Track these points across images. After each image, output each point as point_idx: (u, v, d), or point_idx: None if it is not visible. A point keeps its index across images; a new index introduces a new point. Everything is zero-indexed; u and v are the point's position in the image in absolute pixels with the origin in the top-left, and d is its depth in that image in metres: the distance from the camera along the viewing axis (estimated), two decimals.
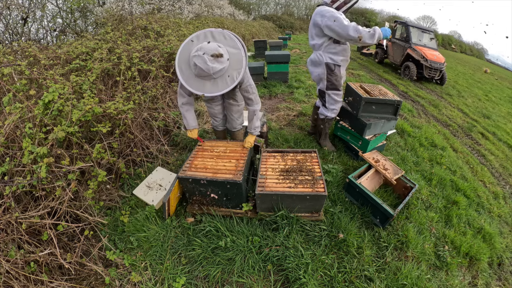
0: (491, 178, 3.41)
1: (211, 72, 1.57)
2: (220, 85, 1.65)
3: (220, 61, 1.57)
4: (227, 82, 1.65)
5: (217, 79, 1.64)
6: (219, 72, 1.59)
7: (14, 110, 1.74)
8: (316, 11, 2.35)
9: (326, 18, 2.23)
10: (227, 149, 2.12)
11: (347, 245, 1.79)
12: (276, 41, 8.25)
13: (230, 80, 1.65)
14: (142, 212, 2.02)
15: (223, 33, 1.66)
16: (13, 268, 1.38)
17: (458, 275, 1.87)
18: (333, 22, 2.19)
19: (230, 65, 1.64)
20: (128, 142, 2.50)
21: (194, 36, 1.67)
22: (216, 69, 1.56)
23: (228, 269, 1.66)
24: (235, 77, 1.65)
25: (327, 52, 2.45)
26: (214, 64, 1.55)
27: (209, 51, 1.54)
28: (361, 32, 2.14)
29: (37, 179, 1.59)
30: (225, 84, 1.65)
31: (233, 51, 1.65)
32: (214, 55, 1.54)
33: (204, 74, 1.60)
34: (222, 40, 1.66)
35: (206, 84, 1.64)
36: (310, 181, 1.84)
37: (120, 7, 6.59)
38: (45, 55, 2.71)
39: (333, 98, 2.62)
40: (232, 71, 1.64)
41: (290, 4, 25.17)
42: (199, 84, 1.65)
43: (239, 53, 1.65)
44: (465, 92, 7.62)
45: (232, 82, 1.64)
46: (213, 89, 1.65)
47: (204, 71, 1.57)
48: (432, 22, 37.57)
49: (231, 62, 1.64)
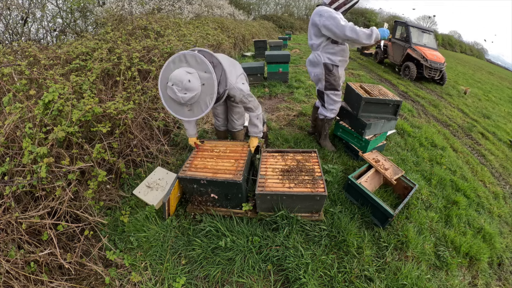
0: (491, 178, 3.41)
1: (182, 102, 1.60)
2: (196, 111, 1.69)
3: (190, 89, 1.57)
4: (201, 108, 1.67)
5: (192, 105, 1.67)
6: (191, 99, 1.61)
7: (14, 110, 1.74)
8: (315, 11, 2.36)
9: (324, 18, 2.23)
10: (227, 149, 2.12)
11: (347, 245, 1.79)
12: (276, 41, 8.25)
13: (204, 105, 1.67)
14: (142, 212, 2.02)
15: (195, 57, 1.63)
16: (13, 268, 1.38)
17: (458, 275, 1.87)
18: (330, 22, 2.19)
19: (202, 91, 1.64)
20: (128, 142, 2.50)
21: (171, 61, 1.68)
22: (186, 98, 1.59)
23: (228, 269, 1.66)
24: (208, 103, 1.66)
25: (325, 52, 2.45)
26: (183, 94, 1.57)
27: (178, 82, 1.55)
28: (357, 33, 2.13)
29: (37, 179, 1.59)
30: (200, 110, 1.68)
31: (205, 76, 1.64)
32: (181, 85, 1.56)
33: (178, 103, 1.65)
34: (194, 64, 1.64)
35: (184, 109, 1.69)
36: (310, 181, 1.84)
37: (120, 7, 6.59)
38: (45, 55, 2.71)
39: (331, 98, 2.62)
40: (205, 97, 1.65)
41: (290, 4, 25.17)
42: (179, 108, 1.70)
43: (210, 78, 1.63)
44: None
45: (206, 107, 1.66)
46: (190, 114, 1.70)
47: (176, 101, 1.62)
48: (432, 22, 37.58)
49: (203, 88, 1.63)
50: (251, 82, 5.24)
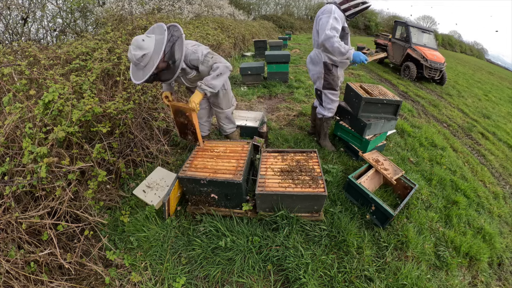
0: (491, 178, 3.41)
1: (134, 60, 1.65)
2: (146, 71, 1.70)
3: (142, 48, 1.64)
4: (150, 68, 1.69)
5: (145, 67, 1.70)
6: (142, 58, 1.65)
7: (14, 110, 1.74)
8: (321, 9, 2.39)
9: (323, 15, 2.29)
10: (227, 149, 2.12)
11: (347, 245, 1.79)
12: (276, 41, 8.25)
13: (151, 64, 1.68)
14: (142, 212, 2.02)
15: (159, 25, 1.75)
16: (13, 268, 1.38)
17: (458, 275, 1.87)
18: (323, 21, 2.26)
19: (154, 51, 1.68)
20: (128, 142, 2.50)
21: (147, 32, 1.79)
22: (137, 56, 1.63)
23: (228, 269, 1.66)
24: (155, 61, 1.68)
25: (325, 52, 2.45)
26: (136, 51, 1.63)
27: (134, 41, 1.64)
28: (333, 46, 2.23)
29: (37, 179, 1.59)
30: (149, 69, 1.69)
31: (159, 37, 1.70)
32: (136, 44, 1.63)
33: (134, 63, 1.69)
34: (156, 31, 1.75)
35: (139, 73, 1.73)
36: (310, 181, 1.84)
37: (120, 7, 6.59)
38: (45, 55, 2.71)
39: (329, 98, 2.63)
40: (155, 56, 1.68)
41: (290, 4, 25.16)
42: (137, 74, 1.74)
43: (162, 38, 1.69)
44: (465, 92, 7.63)
45: (152, 65, 1.68)
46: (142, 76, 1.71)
47: (131, 59, 1.67)
48: (432, 22, 37.58)
49: (155, 48, 1.68)
50: (251, 82, 5.24)
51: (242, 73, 5.12)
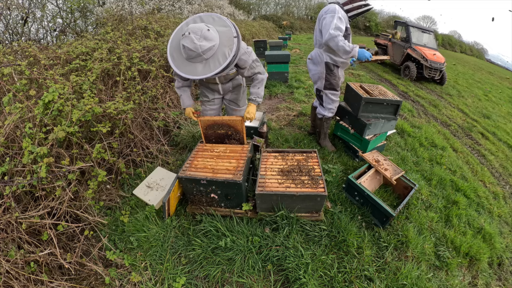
0: (491, 178, 3.41)
1: (199, 51, 1.48)
2: (212, 66, 1.54)
3: (209, 39, 1.48)
4: (219, 61, 1.54)
5: (208, 60, 1.54)
6: (208, 50, 1.50)
7: (14, 110, 1.74)
8: (324, 8, 2.38)
9: (326, 15, 2.28)
10: (227, 149, 2.12)
11: (347, 245, 1.79)
12: (276, 41, 8.25)
13: (222, 58, 1.53)
14: (142, 212, 2.02)
15: (212, 15, 1.58)
16: (13, 268, 1.38)
17: (458, 275, 1.87)
18: (326, 21, 2.25)
19: (220, 43, 1.54)
20: (128, 142, 2.50)
21: (184, 23, 1.61)
22: (204, 47, 1.47)
23: (228, 269, 1.66)
24: (227, 54, 1.53)
25: (328, 52, 2.45)
26: (202, 42, 1.46)
27: (197, 30, 1.47)
28: (338, 45, 2.21)
29: (37, 179, 1.59)
30: (217, 63, 1.53)
31: (223, 29, 1.56)
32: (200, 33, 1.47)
33: (194, 55, 1.51)
34: (211, 21, 1.59)
35: (197, 67, 1.55)
36: (310, 181, 1.84)
37: (120, 7, 6.59)
38: (45, 55, 2.71)
39: (330, 98, 2.63)
40: (224, 48, 1.54)
41: (290, 4, 25.16)
42: (191, 68, 1.56)
43: (229, 31, 1.56)
44: (465, 92, 7.63)
45: (224, 59, 1.53)
46: (205, 70, 1.54)
47: (193, 51, 1.48)
48: (432, 22, 37.57)
49: (221, 40, 1.55)
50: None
51: None
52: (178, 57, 1.59)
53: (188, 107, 2.06)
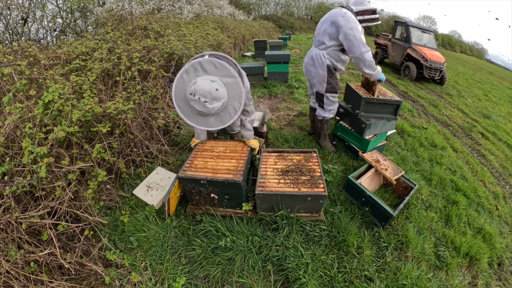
0: (491, 178, 3.41)
1: (212, 112, 1.56)
2: (224, 118, 1.61)
3: (218, 98, 1.51)
4: (230, 114, 1.61)
5: (219, 113, 1.61)
6: (220, 108, 1.57)
7: (14, 110, 1.74)
8: (339, 12, 2.32)
9: (349, 26, 2.23)
10: (227, 149, 2.12)
11: (347, 245, 1.79)
12: (276, 41, 8.25)
13: (232, 111, 1.61)
14: (142, 212, 2.02)
15: (213, 63, 1.52)
16: (13, 268, 1.38)
17: (458, 275, 1.87)
18: (356, 34, 2.23)
19: (229, 97, 1.58)
20: (128, 142, 2.50)
21: (184, 72, 1.55)
22: (216, 108, 1.54)
23: (228, 269, 1.66)
24: (237, 107, 1.60)
25: (330, 56, 2.47)
26: (213, 104, 1.51)
27: (206, 93, 1.47)
28: (369, 60, 2.30)
29: (37, 179, 1.59)
30: (228, 116, 1.61)
31: (229, 80, 1.55)
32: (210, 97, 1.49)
33: (204, 113, 1.58)
34: (214, 71, 1.53)
35: (209, 120, 1.62)
36: (310, 181, 1.84)
37: (120, 7, 6.59)
38: (45, 55, 2.71)
39: (330, 100, 2.65)
40: (233, 101, 1.59)
41: (290, 4, 25.15)
42: (203, 120, 1.63)
43: (235, 82, 1.55)
44: (465, 92, 7.63)
45: (235, 113, 1.60)
46: (218, 123, 1.62)
47: (205, 112, 1.56)
48: (432, 22, 37.56)
49: (229, 94, 1.57)
50: (251, 82, 5.24)
51: None
52: (187, 109, 1.62)
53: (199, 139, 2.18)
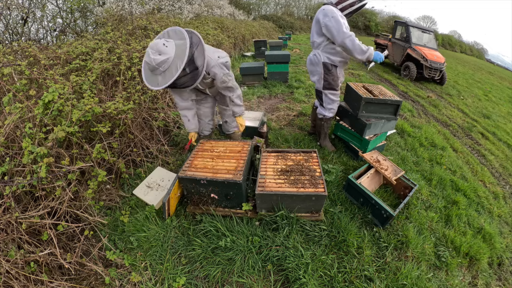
0: (491, 178, 3.40)
1: (153, 64, 1.63)
2: (168, 76, 1.69)
3: (163, 53, 1.63)
4: (172, 72, 1.68)
5: (165, 72, 1.69)
6: (163, 63, 1.65)
7: (14, 110, 1.74)
8: (320, 9, 2.35)
9: (327, 18, 2.25)
10: (227, 149, 2.12)
11: (347, 245, 1.79)
12: (276, 41, 8.25)
13: (174, 69, 1.67)
14: (142, 212, 2.02)
15: (175, 29, 1.75)
16: (13, 268, 1.38)
17: (458, 275, 1.87)
18: (333, 24, 2.22)
19: (175, 55, 1.68)
20: (128, 142, 2.50)
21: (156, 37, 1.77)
22: (158, 61, 1.62)
23: (228, 269, 1.66)
24: (178, 66, 1.67)
25: (325, 52, 2.45)
26: (156, 56, 1.62)
27: (154, 45, 1.63)
28: (354, 44, 2.21)
29: (37, 179, 1.59)
30: (171, 75, 1.68)
31: (179, 42, 1.70)
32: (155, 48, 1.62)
33: (152, 68, 1.67)
34: (173, 35, 1.75)
35: (158, 78, 1.71)
36: (310, 181, 1.84)
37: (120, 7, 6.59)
38: (45, 55, 2.71)
39: (330, 98, 2.63)
40: (177, 60, 1.68)
41: (290, 4, 25.16)
42: (154, 79, 1.72)
43: (183, 43, 1.69)
44: (465, 92, 7.62)
45: (176, 71, 1.67)
46: (163, 81, 1.69)
47: (149, 64, 1.65)
48: (432, 22, 37.57)
49: (176, 53, 1.68)
50: (251, 82, 5.24)
51: (242, 73, 5.12)
52: (147, 70, 1.76)
53: (192, 131, 2.19)
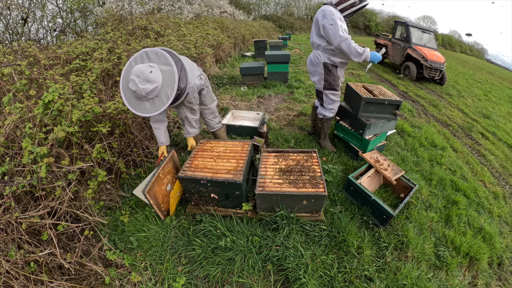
0: (491, 178, 3.40)
1: (143, 93, 1.60)
2: (158, 104, 1.67)
3: (151, 81, 1.59)
4: (163, 100, 1.67)
5: (154, 99, 1.66)
6: (152, 92, 1.62)
7: (14, 110, 1.74)
8: (320, 9, 2.35)
9: (325, 19, 2.25)
10: (227, 149, 2.12)
11: (347, 245, 1.79)
12: (276, 41, 8.25)
13: (165, 98, 1.66)
14: (142, 212, 2.02)
15: (156, 52, 1.68)
16: (13, 268, 1.38)
17: (458, 275, 1.87)
18: (330, 26, 2.22)
19: (164, 83, 1.65)
20: (128, 142, 2.50)
21: (132, 59, 1.71)
22: (147, 90, 1.59)
23: (228, 269, 1.66)
24: (169, 94, 1.66)
25: (325, 53, 2.45)
26: (144, 85, 1.58)
27: (139, 73, 1.57)
28: (350, 48, 2.21)
29: (37, 179, 1.59)
30: (161, 103, 1.67)
31: (165, 68, 1.67)
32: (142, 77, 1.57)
33: (139, 96, 1.63)
34: (155, 59, 1.68)
35: (145, 105, 1.68)
36: (310, 181, 1.84)
37: (120, 7, 6.58)
38: (45, 55, 2.70)
39: (330, 98, 2.63)
40: (167, 88, 1.66)
41: (290, 4, 25.16)
42: (141, 105, 1.68)
43: (170, 70, 1.66)
44: (465, 92, 7.62)
45: (167, 100, 1.66)
46: (152, 109, 1.67)
47: (138, 93, 1.61)
48: (432, 22, 37.57)
49: (164, 79, 1.65)
50: (251, 82, 5.24)
51: (242, 73, 5.12)
52: (130, 96, 1.70)
53: (162, 145, 2.09)
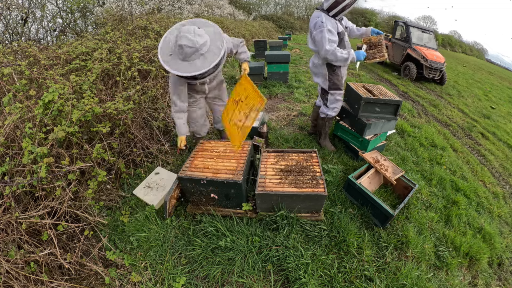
0: (491, 178, 3.40)
1: (197, 46, 1.61)
2: (210, 58, 1.66)
3: (201, 35, 1.64)
4: (215, 52, 1.68)
5: (205, 54, 1.67)
6: (204, 45, 1.64)
7: (14, 110, 1.74)
8: (313, 16, 2.39)
9: (316, 31, 2.32)
10: (227, 149, 2.12)
11: (347, 245, 1.79)
12: (276, 41, 8.24)
13: (216, 50, 1.68)
14: (142, 212, 2.02)
15: (194, 21, 1.78)
16: (13, 268, 1.38)
17: (458, 275, 1.87)
18: (319, 38, 2.29)
19: (211, 38, 1.70)
20: (128, 142, 2.50)
21: (168, 32, 1.77)
22: (200, 42, 1.62)
23: (228, 269, 1.66)
24: (220, 45, 1.69)
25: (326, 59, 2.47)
26: (197, 38, 1.61)
27: (189, 30, 1.63)
28: (336, 57, 2.29)
29: (37, 179, 1.59)
30: (214, 55, 1.67)
31: (209, 28, 1.75)
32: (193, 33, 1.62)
33: (191, 52, 1.62)
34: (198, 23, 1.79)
35: (196, 63, 1.66)
36: (310, 181, 1.84)
37: (120, 7, 6.59)
38: (45, 55, 2.70)
39: (335, 98, 2.64)
40: (216, 42, 1.71)
41: (290, 4, 25.16)
42: (190, 66, 1.66)
43: (215, 27, 1.74)
44: (465, 92, 7.62)
45: (219, 51, 1.68)
46: (205, 64, 1.66)
47: (190, 47, 1.60)
48: (432, 22, 37.57)
49: (211, 36, 1.71)
50: None
51: None
52: (174, 61, 1.69)
53: (183, 136, 2.14)
